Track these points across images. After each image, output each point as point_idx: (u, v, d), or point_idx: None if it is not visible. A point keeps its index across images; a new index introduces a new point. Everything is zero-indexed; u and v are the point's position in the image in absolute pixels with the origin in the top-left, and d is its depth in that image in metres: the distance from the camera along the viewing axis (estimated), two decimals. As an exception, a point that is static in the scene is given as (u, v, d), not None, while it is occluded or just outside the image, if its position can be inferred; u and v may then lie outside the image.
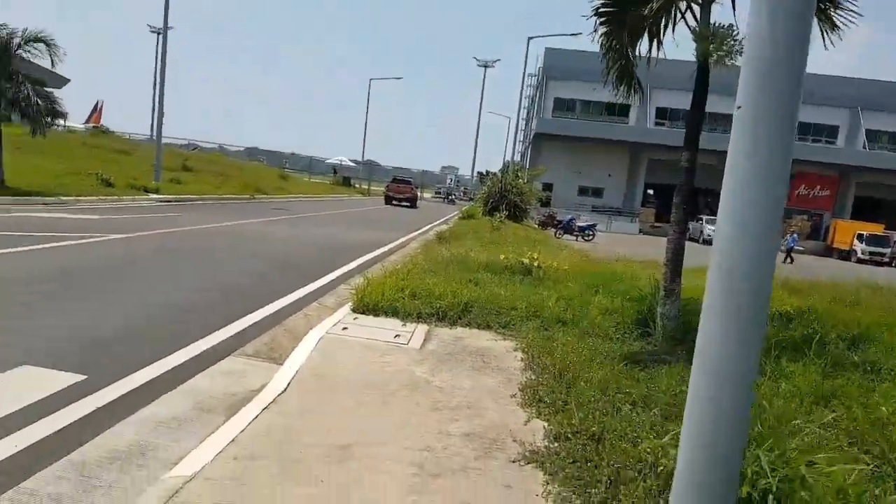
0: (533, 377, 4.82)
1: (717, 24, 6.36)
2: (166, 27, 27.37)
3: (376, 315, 6.55)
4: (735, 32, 6.24)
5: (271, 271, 9.65)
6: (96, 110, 59.28)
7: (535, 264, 8.75)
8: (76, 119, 54.28)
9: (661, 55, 7.00)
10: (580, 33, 46.18)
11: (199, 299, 7.12)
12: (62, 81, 49.84)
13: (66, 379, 4.29)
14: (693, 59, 6.36)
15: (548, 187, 37.39)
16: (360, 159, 66.26)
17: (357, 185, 61.72)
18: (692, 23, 6.44)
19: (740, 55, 6.36)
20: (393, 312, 6.58)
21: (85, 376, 4.36)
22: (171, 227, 13.60)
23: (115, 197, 19.45)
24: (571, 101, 47.54)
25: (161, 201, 21.13)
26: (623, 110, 46.64)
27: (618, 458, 3.33)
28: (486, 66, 58.77)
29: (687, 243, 6.53)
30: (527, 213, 28.28)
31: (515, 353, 5.57)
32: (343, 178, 62.33)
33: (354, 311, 6.67)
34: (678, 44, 6.95)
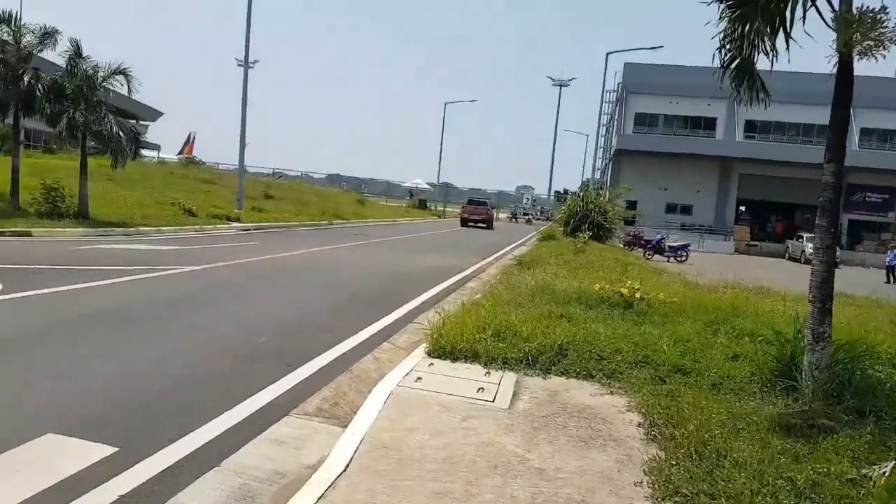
0: (660, 454, 3.75)
1: (863, 8, 5.18)
2: (247, 62, 27.98)
3: (454, 360, 5.63)
4: (886, 17, 5.03)
5: (341, 304, 8.97)
6: (189, 142, 62.08)
7: (637, 295, 7.60)
8: (170, 150, 57.07)
9: (780, 53, 5.86)
10: (661, 47, 44.53)
11: (259, 341, 6.44)
12: (156, 114, 52.75)
13: (94, 452, 3.60)
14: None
15: (631, 205, 35.55)
16: (435, 182, 66.22)
17: (433, 208, 61.56)
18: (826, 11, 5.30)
19: (894, 44, 5.15)
20: (473, 356, 5.64)
21: (116, 448, 3.66)
22: (244, 258, 13.27)
23: (197, 226, 19.62)
24: (653, 116, 45.75)
25: (241, 230, 21.22)
26: (709, 124, 44.44)
27: None
28: (561, 85, 57.65)
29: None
30: (612, 233, 26.74)
31: (629, 416, 4.51)
32: (419, 201, 62.35)
33: (429, 354, 5.78)
34: (811, 37, 5.80)
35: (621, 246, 26.94)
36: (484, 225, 39.04)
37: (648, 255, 24.34)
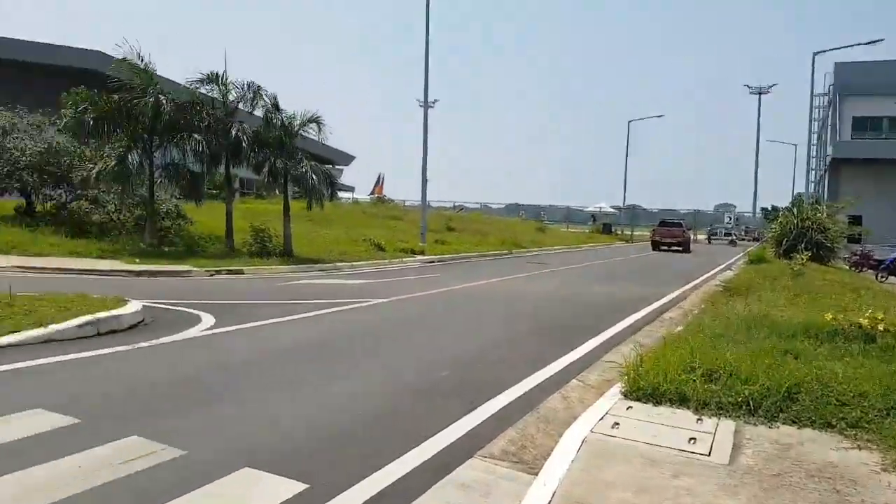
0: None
1: None
2: (427, 101, 29.32)
3: (657, 403, 4.93)
4: None
5: (523, 336, 8.60)
6: (379, 182, 66.41)
7: (881, 327, 6.27)
8: (364, 191, 61.57)
9: None
10: (881, 40, 38.97)
11: (441, 375, 6.27)
12: (349, 158, 57.42)
13: (286, 488, 3.55)
14: None
15: (855, 220, 31.02)
16: (620, 205, 63.68)
17: (618, 232, 59.17)
18: None
19: None
20: (680, 400, 4.90)
21: (306, 485, 3.60)
22: (426, 290, 13.52)
23: (385, 260, 20.59)
24: (875, 120, 40.16)
25: (425, 262, 21.91)
26: (946, 125, 37.92)
27: None
28: (760, 93, 52.96)
29: None
30: (834, 253, 23.28)
31: (886, 477, 3.57)
32: (603, 226, 60.32)
33: (626, 396, 5.14)
34: None
35: (847, 267, 23.47)
36: (679, 248, 36.48)
37: (882, 277, 20.90)
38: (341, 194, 41.85)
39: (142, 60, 17.77)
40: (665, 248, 36.60)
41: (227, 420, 4.73)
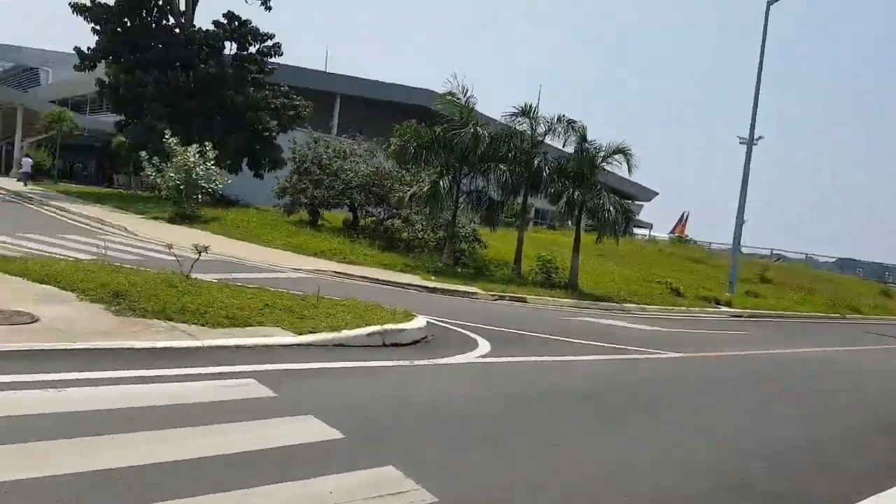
0: None
1: None
2: (751, 139, 26.29)
3: None
4: None
5: (867, 430, 6.52)
6: (682, 221, 62.46)
7: None
8: (662, 229, 58.42)
9: None
10: None
11: (753, 468, 4.76)
12: (651, 194, 55.10)
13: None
14: None
15: None
16: None
17: None
18: None
19: None
20: None
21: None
22: (735, 350, 11.55)
23: (683, 308, 18.59)
24: None
25: (732, 315, 19.30)
26: None
27: None
28: None
29: None
30: None
31: None
32: (982, 295, 47.25)
33: None
34: None
35: None
36: None
37: None
38: (637, 230, 39.96)
39: (465, 94, 18.98)
40: None
41: (484, 467, 4.06)
